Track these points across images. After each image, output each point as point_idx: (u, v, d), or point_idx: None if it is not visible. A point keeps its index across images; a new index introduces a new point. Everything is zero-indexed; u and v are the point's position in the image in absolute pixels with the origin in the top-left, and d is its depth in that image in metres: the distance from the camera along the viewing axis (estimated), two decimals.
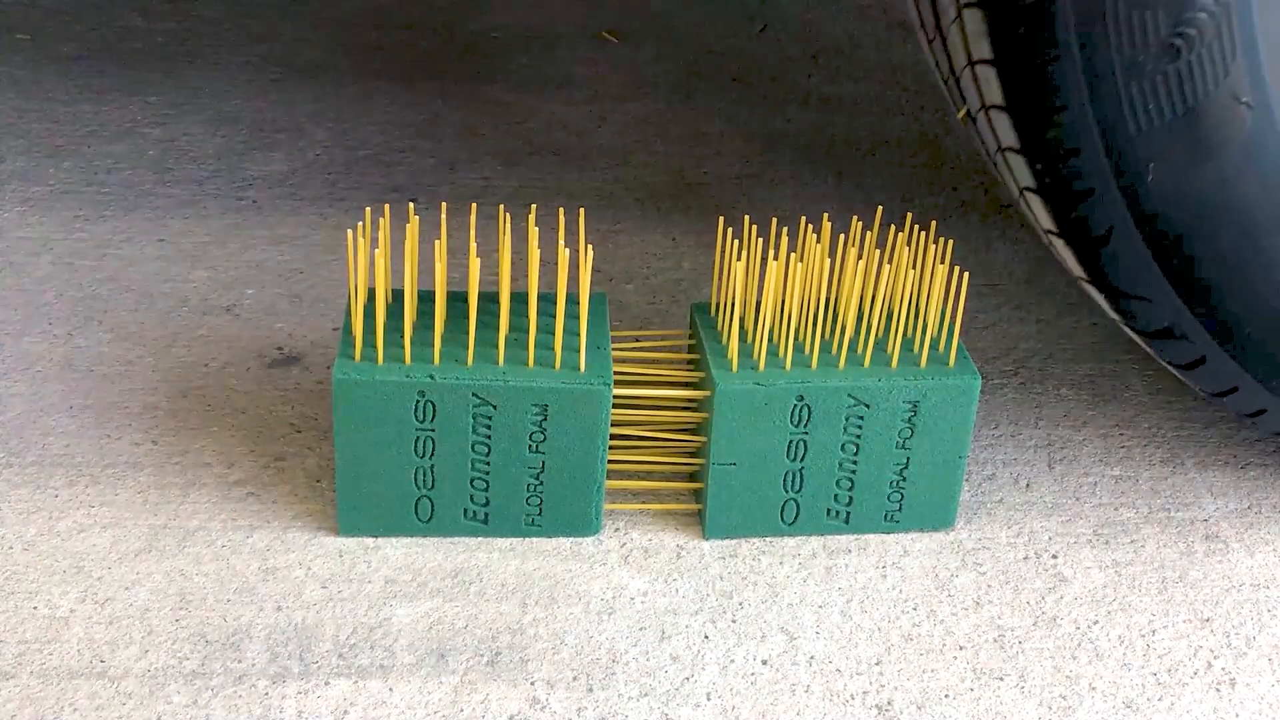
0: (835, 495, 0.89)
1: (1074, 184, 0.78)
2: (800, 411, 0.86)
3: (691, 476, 0.92)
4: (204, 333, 1.08)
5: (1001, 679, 0.81)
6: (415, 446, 0.84)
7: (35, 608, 0.82)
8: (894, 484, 0.89)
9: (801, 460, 0.88)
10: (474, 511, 0.87)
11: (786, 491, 0.89)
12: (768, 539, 0.90)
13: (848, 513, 0.90)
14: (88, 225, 1.21)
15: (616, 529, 0.90)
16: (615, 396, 0.86)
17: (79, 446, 0.95)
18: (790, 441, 0.87)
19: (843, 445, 0.88)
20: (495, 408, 0.83)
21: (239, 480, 0.93)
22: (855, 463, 0.88)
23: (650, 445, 0.91)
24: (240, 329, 1.09)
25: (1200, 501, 0.96)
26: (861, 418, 0.87)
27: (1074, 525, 0.94)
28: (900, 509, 0.90)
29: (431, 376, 0.83)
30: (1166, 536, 0.93)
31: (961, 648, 0.83)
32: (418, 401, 0.83)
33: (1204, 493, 0.97)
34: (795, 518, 0.90)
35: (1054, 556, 0.91)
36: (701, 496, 0.90)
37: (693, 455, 0.92)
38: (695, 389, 0.90)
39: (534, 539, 0.89)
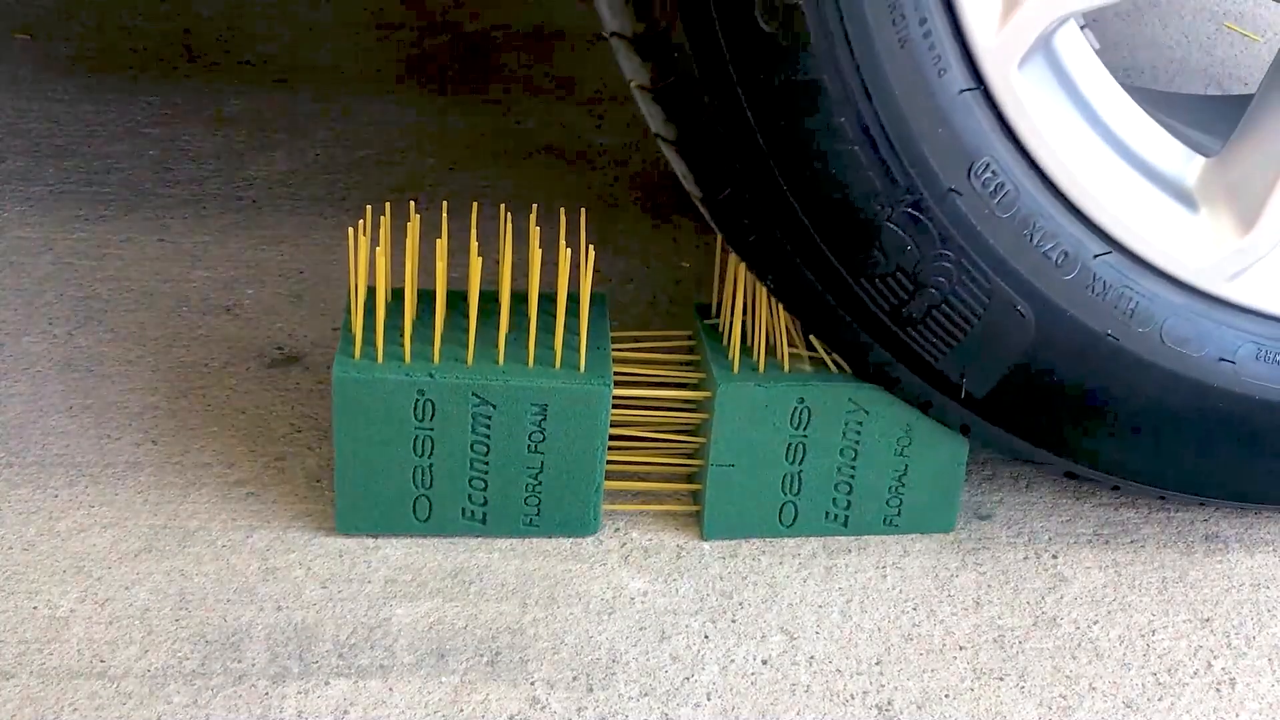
0: (834, 499, 0.89)
1: (915, 400, 0.85)
2: (800, 414, 0.86)
3: (690, 478, 0.92)
4: (204, 333, 1.08)
5: (1001, 679, 0.81)
6: (414, 445, 0.84)
7: (35, 608, 0.82)
8: (893, 489, 0.89)
9: (800, 463, 0.88)
10: (472, 511, 0.87)
11: (785, 494, 0.89)
12: (768, 539, 0.90)
13: (846, 516, 0.90)
14: (88, 225, 1.21)
15: (616, 529, 0.90)
16: (615, 397, 0.86)
17: (79, 446, 0.95)
18: (789, 444, 0.87)
19: (841, 450, 0.88)
20: (495, 407, 0.83)
21: (239, 480, 0.93)
22: (854, 467, 0.88)
23: (649, 446, 0.91)
24: (240, 329, 1.09)
25: None
26: (861, 422, 0.87)
27: (1074, 525, 0.94)
28: (899, 514, 0.90)
29: (431, 375, 0.83)
30: (1166, 536, 0.93)
31: (961, 648, 0.83)
32: (417, 400, 0.83)
33: None
34: (794, 520, 0.90)
35: (1054, 556, 0.91)
36: (700, 498, 0.90)
37: (691, 457, 0.91)
38: (695, 390, 0.90)
39: (534, 538, 0.89)
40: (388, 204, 0.89)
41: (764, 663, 0.81)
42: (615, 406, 0.86)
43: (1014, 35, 0.74)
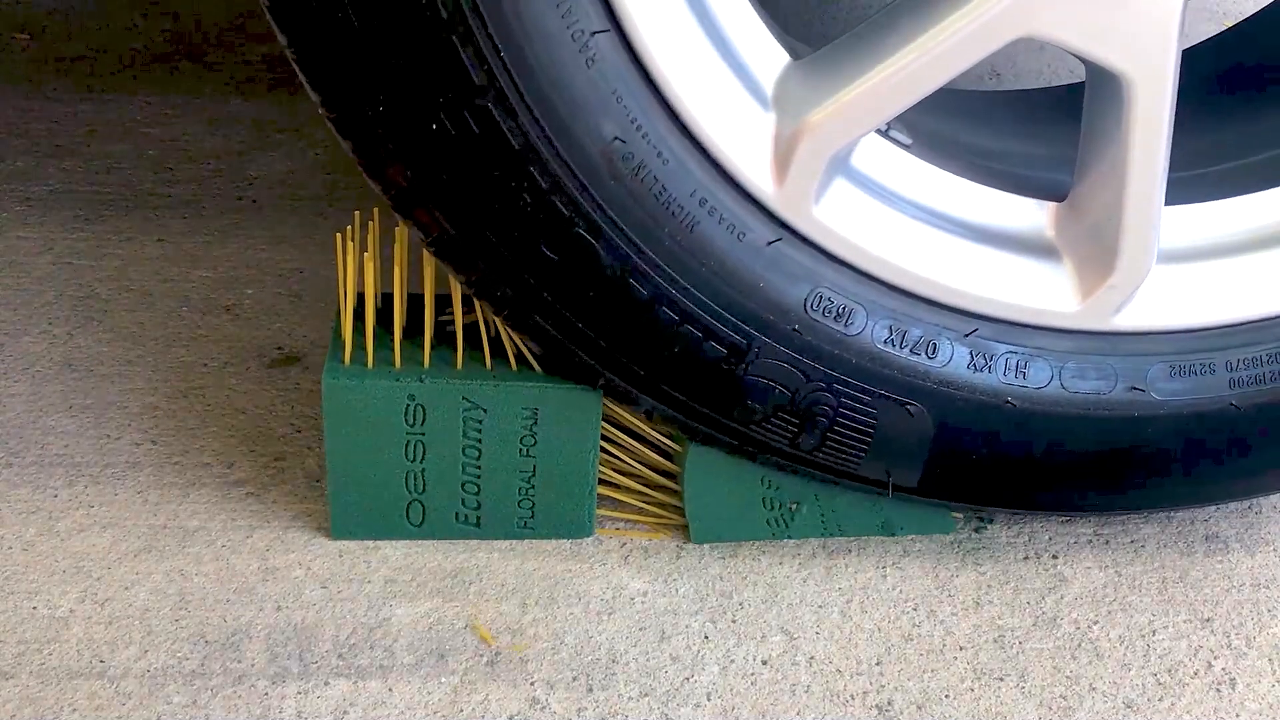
0: (823, 519, 0.90)
1: (867, 492, 0.87)
2: (768, 480, 0.88)
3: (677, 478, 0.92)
4: (204, 333, 1.08)
5: (1001, 679, 0.81)
6: (406, 450, 0.84)
7: (35, 608, 0.82)
8: (883, 508, 0.90)
9: (780, 509, 0.89)
10: (465, 515, 0.87)
11: (772, 527, 0.89)
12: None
13: (840, 529, 0.90)
14: (88, 225, 1.21)
15: (616, 528, 0.90)
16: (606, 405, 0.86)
17: (79, 446, 0.95)
18: (765, 497, 0.88)
19: (817, 495, 0.89)
20: (485, 411, 0.83)
21: (239, 480, 0.93)
22: (835, 507, 0.89)
23: (638, 452, 0.90)
24: (240, 329, 1.09)
25: None
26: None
27: (1074, 525, 0.94)
28: (896, 522, 0.91)
29: (421, 380, 0.83)
30: (1166, 536, 0.93)
31: (961, 648, 0.83)
32: (408, 405, 0.83)
33: None
34: (788, 538, 0.90)
35: (1054, 556, 0.91)
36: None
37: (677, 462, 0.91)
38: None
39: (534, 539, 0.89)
40: (376, 209, 0.89)
41: (764, 663, 0.81)
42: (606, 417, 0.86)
43: (796, 184, 0.76)
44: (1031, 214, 0.84)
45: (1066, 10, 0.72)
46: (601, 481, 0.88)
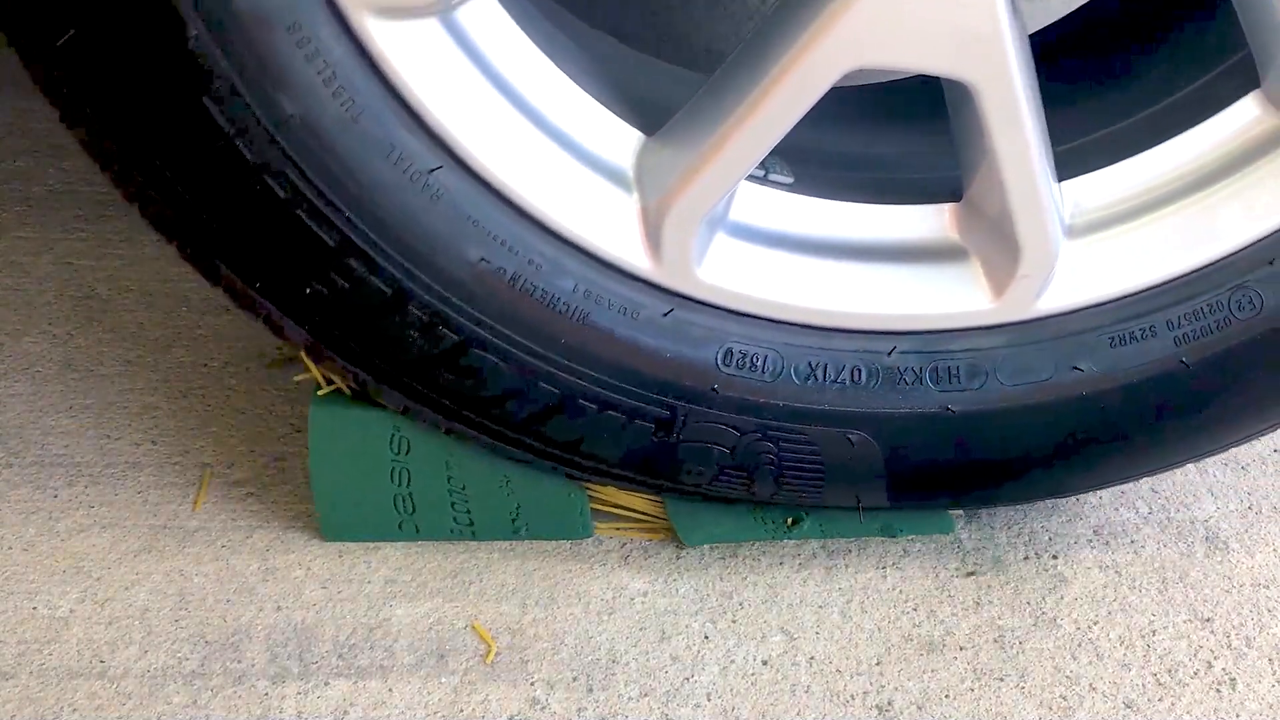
0: (822, 528, 0.90)
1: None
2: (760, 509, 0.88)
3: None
4: (204, 333, 1.08)
5: (1001, 679, 0.81)
6: (391, 476, 0.84)
7: (35, 608, 0.82)
8: (880, 511, 0.90)
9: (774, 524, 0.89)
10: (460, 530, 0.87)
11: (770, 531, 0.89)
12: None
13: (840, 532, 0.90)
14: (88, 225, 1.21)
15: (616, 527, 0.90)
16: None
17: (79, 446, 0.95)
18: (756, 516, 0.89)
19: (807, 511, 0.89)
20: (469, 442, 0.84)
21: (239, 480, 0.93)
22: (832, 516, 0.89)
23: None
24: (240, 329, 1.09)
25: (1200, 501, 0.96)
26: None
27: (1074, 525, 0.94)
28: (896, 524, 0.91)
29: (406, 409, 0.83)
30: (1166, 536, 0.93)
31: (961, 648, 0.83)
32: (393, 435, 0.83)
33: (1204, 493, 0.97)
34: (788, 539, 0.90)
35: (1054, 557, 0.91)
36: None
37: None
38: None
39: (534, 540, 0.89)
40: None
41: (764, 663, 0.81)
42: None
43: (673, 254, 0.77)
44: (930, 221, 0.83)
45: (884, 37, 0.71)
46: (595, 498, 0.88)
